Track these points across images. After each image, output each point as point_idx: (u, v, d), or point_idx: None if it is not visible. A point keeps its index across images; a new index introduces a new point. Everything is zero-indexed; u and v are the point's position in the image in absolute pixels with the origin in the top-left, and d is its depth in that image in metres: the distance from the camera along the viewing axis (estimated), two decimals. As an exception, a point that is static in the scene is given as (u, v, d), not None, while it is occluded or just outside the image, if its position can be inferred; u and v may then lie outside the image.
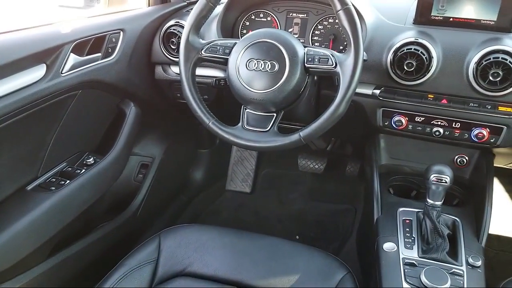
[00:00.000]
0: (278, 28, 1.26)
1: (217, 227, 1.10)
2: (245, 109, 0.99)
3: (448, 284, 0.83)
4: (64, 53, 1.00)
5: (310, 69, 0.94)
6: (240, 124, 0.98)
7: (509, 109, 0.99)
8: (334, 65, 0.90)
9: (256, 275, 0.95)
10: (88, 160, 1.18)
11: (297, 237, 1.70)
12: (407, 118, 1.10)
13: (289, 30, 1.25)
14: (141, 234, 1.50)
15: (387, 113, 1.12)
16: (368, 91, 1.10)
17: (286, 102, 0.96)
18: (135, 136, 1.32)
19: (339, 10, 0.88)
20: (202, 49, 0.99)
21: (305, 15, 1.23)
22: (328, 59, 0.91)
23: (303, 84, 0.96)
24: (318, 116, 0.92)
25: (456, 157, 1.20)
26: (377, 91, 1.09)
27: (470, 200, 1.13)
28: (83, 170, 1.14)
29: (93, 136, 1.29)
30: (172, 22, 1.26)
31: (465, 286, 0.85)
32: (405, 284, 0.86)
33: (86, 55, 1.09)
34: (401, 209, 1.06)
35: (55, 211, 1.05)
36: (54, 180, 1.10)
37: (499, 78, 0.95)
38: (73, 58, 1.03)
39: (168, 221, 1.65)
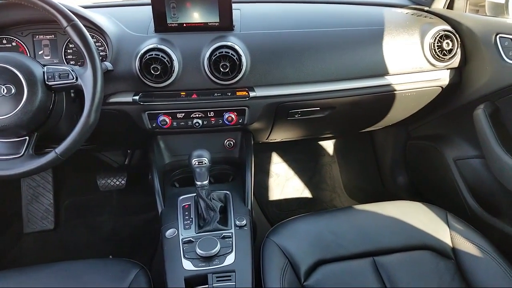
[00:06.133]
0: (26, 52, 1.22)
1: None
2: None
3: (218, 247, 0.97)
4: None
5: (53, 86, 0.95)
6: None
7: (244, 93, 1.18)
8: (75, 79, 0.94)
9: None
10: None
11: (110, 256, 1.67)
12: (170, 117, 1.21)
13: (39, 53, 1.22)
14: None
15: (152, 115, 1.21)
16: (128, 98, 1.17)
17: (36, 123, 0.95)
18: None
19: (66, 27, 0.92)
20: None
21: (53, 35, 1.22)
22: (68, 74, 0.94)
23: (50, 103, 0.97)
24: None
25: (225, 141, 1.38)
26: (137, 97, 1.16)
27: (240, 174, 1.33)
28: None
29: None
30: None
31: (233, 244, 1.00)
32: (184, 260, 0.97)
33: None
34: (181, 197, 1.18)
35: None
36: None
37: (228, 69, 1.13)
38: None
39: None
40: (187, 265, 0.95)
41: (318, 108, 1.28)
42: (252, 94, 1.18)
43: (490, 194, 1.35)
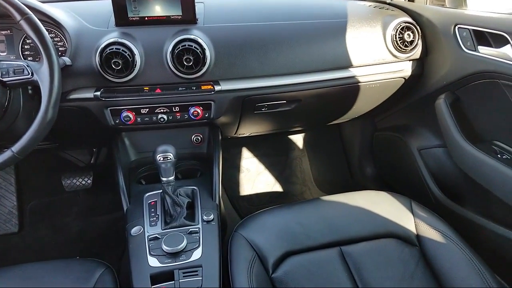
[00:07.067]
0: (-20, 49, 1.17)
1: None
2: None
3: (184, 243, 0.95)
4: None
5: (8, 83, 0.91)
6: None
7: (209, 87, 1.17)
8: (30, 74, 0.90)
9: None
10: None
11: (78, 257, 1.63)
12: (134, 113, 1.18)
13: (-6, 49, 1.18)
14: None
15: (115, 112, 1.17)
16: (89, 94, 1.13)
17: None
18: None
19: (20, 21, 0.88)
20: None
21: (9, 31, 1.17)
22: (24, 69, 0.91)
23: (6, 99, 0.93)
24: None
25: (193, 136, 1.36)
26: (98, 93, 1.13)
27: (208, 170, 1.31)
28: None
29: None
30: None
31: (201, 239, 0.99)
32: (150, 258, 0.95)
33: None
34: (147, 194, 1.15)
35: None
36: None
37: (192, 63, 1.12)
38: None
39: None
40: (153, 262, 0.93)
41: (285, 101, 1.28)
42: (217, 88, 1.17)
43: (452, 182, 1.39)
